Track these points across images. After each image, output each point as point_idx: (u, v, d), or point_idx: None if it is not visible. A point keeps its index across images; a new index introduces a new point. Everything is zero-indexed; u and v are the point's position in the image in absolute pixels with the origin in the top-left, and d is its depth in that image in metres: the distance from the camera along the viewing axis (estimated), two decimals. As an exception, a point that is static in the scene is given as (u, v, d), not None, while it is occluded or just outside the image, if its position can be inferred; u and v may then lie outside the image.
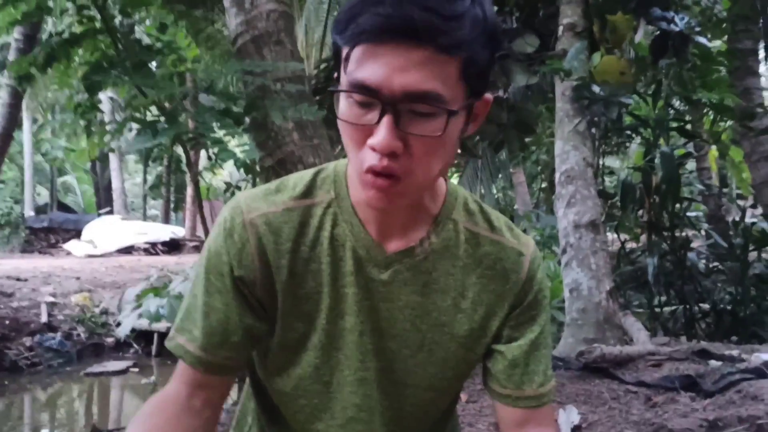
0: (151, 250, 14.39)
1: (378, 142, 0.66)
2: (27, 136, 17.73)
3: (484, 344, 0.85)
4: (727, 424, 2.27)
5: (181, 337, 0.82)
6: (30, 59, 3.21)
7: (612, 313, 3.54)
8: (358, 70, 0.66)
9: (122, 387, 7.03)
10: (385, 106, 0.65)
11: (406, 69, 0.64)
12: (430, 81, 0.64)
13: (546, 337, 0.87)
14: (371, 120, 0.67)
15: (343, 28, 0.67)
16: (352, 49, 0.66)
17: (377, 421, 0.86)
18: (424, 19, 0.62)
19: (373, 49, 0.64)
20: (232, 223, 0.80)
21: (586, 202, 3.71)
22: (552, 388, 0.86)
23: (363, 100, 0.67)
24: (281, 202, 0.81)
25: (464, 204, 0.86)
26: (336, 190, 0.82)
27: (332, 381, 0.84)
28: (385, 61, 0.64)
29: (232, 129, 2.99)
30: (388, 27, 0.63)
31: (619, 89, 3.73)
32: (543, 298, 0.87)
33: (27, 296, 7.98)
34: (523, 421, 0.85)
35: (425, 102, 0.65)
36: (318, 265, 0.80)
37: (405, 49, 0.63)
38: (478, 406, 2.72)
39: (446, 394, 0.89)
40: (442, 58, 0.64)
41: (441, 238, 0.82)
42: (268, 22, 3.52)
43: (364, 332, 0.81)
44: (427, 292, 0.82)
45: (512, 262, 0.84)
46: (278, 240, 0.80)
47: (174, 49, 3.45)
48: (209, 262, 0.81)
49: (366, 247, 0.80)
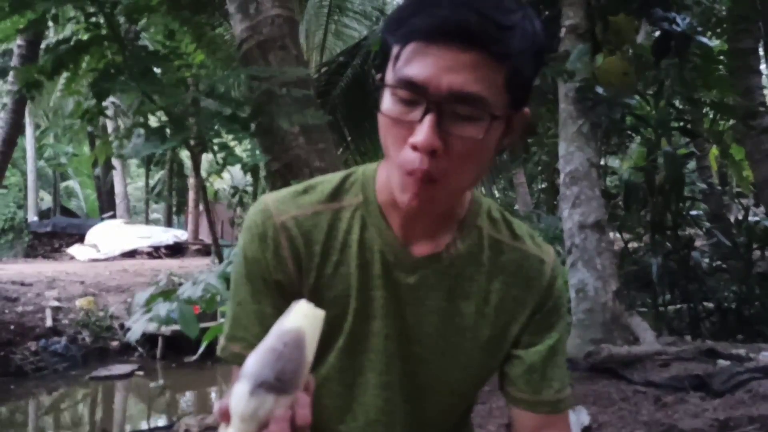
0: (154, 254, 14.40)
1: (420, 139, 0.66)
2: (30, 142, 17.75)
3: (504, 350, 0.86)
4: (738, 423, 2.28)
5: (235, 345, 0.82)
6: (37, 67, 3.23)
7: (618, 313, 3.55)
8: (408, 66, 0.66)
9: (127, 390, 7.05)
10: (429, 104, 0.66)
11: (455, 69, 0.65)
12: (477, 84, 0.65)
13: (563, 344, 0.88)
14: (414, 117, 0.67)
15: (397, 26, 0.68)
16: (403, 47, 0.67)
17: (398, 424, 0.86)
18: (479, 24, 0.64)
19: (425, 47, 0.65)
20: (263, 227, 0.80)
21: (591, 202, 3.72)
22: (569, 395, 0.87)
23: (408, 97, 0.67)
24: (309, 204, 0.82)
25: (488, 212, 0.87)
26: (364, 194, 0.83)
27: (356, 383, 0.85)
28: (436, 59, 0.65)
29: (239, 134, 3.00)
30: (443, 27, 0.64)
31: (622, 90, 3.74)
32: (561, 306, 0.88)
33: (32, 301, 7.99)
34: (540, 426, 0.86)
35: (470, 104, 0.66)
36: (347, 269, 0.81)
37: (456, 50, 0.64)
38: (487, 407, 2.73)
39: (466, 398, 0.91)
40: (492, 64, 0.65)
41: (466, 244, 0.83)
42: (273, 27, 3.53)
43: (390, 336, 0.82)
44: (452, 297, 0.83)
45: (534, 269, 0.86)
46: (309, 243, 0.80)
47: (179, 54, 3.46)
48: (249, 269, 0.81)
49: (394, 251, 0.81)
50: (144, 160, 20.54)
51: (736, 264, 4.99)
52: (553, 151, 5.29)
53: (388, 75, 0.70)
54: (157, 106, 3.01)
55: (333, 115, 6.74)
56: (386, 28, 0.70)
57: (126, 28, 3.33)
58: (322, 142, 3.49)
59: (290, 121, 3.21)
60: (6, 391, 6.55)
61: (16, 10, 3.07)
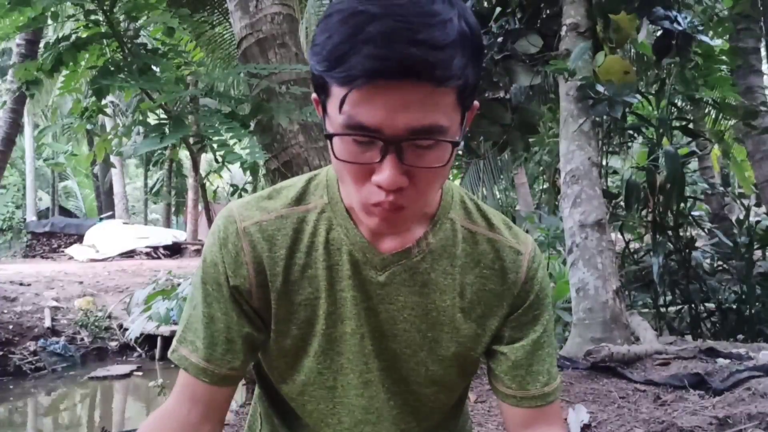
0: (153, 254, 14.39)
1: (384, 180, 0.65)
2: (28, 141, 17.75)
3: (483, 343, 0.85)
4: (737, 421, 2.27)
5: (183, 348, 0.81)
6: (37, 64, 3.22)
7: (619, 312, 3.54)
8: (357, 111, 0.63)
9: (126, 391, 7.04)
10: (388, 145, 0.64)
11: (407, 107, 0.62)
12: (432, 115, 0.64)
13: (549, 336, 0.87)
14: (373, 158, 0.66)
15: (332, 65, 0.63)
16: (347, 93, 0.63)
17: (385, 421, 0.86)
18: (419, 57, 0.60)
19: (371, 90, 0.62)
20: (226, 233, 0.80)
21: (592, 201, 3.72)
22: (557, 387, 0.86)
23: (360, 144, 0.66)
24: (274, 209, 0.82)
25: (461, 202, 0.86)
26: (329, 195, 0.82)
27: (337, 385, 0.84)
28: (384, 101, 0.62)
29: (239, 132, 2.99)
30: (385, 69, 0.60)
31: (623, 89, 3.73)
32: (545, 298, 0.87)
33: (30, 301, 7.99)
34: (530, 420, 0.85)
35: (429, 136, 0.65)
36: (314, 271, 0.80)
37: (403, 88, 0.62)
38: (487, 405, 2.72)
39: (451, 390, 0.90)
40: (440, 90, 0.63)
41: (438, 237, 0.82)
42: (273, 24, 3.52)
43: (365, 335, 0.82)
44: (426, 292, 0.82)
45: (510, 261, 0.84)
46: (273, 247, 0.80)
47: (179, 52, 3.45)
48: (206, 272, 0.81)
49: (362, 250, 0.80)
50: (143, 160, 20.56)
51: (737, 264, 4.98)
52: (555, 150, 5.29)
53: (332, 116, 0.67)
54: (156, 104, 3.00)
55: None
56: (316, 61, 0.66)
57: (125, 25, 3.32)
58: (321, 140, 3.48)
59: (290, 118, 3.20)
60: (5, 391, 6.55)
61: (16, 7, 3.07)
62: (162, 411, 0.82)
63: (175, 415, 0.81)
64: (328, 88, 0.66)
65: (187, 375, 0.81)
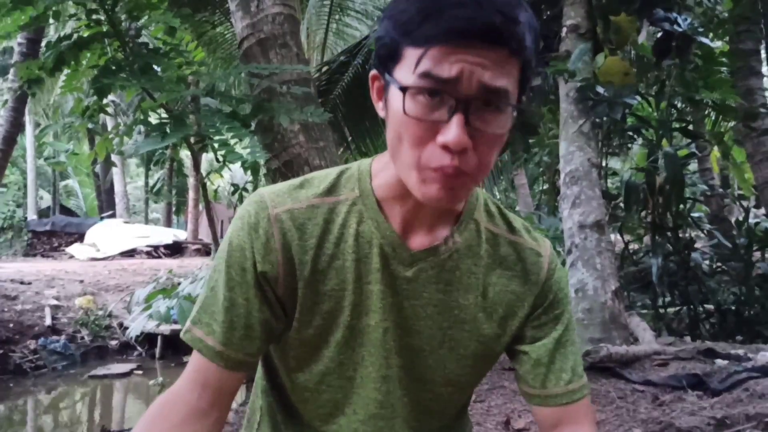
0: (154, 253, 14.40)
1: (452, 138, 0.67)
2: (30, 140, 17.78)
3: (503, 343, 0.86)
4: (735, 422, 2.28)
5: (198, 330, 0.80)
6: (38, 63, 3.23)
7: (617, 312, 3.55)
8: (437, 67, 0.67)
9: (126, 389, 7.04)
10: (458, 102, 0.67)
11: (484, 66, 0.66)
12: (504, 78, 0.68)
13: (571, 335, 0.87)
14: (441, 117, 0.68)
15: (414, 28, 0.67)
16: (427, 50, 0.67)
17: (398, 416, 0.86)
18: (503, 23, 0.66)
19: (452, 48, 0.66)
20: (257, 218, 0.80)
21: (591, 202, 3.73)
22: (583, 385, 0.86)
23: (431, 101, 0.68)
24: (305, 198, 0.82)
25: (485, 205, 0.88)
26: (361, 188, 0.83)
27: (356, 377, 0.85)
28: (464, 58, 0.66)
29: (240, 132, 3.00)
30: (471, 28, 0.65)
31: (623, 90, 3.74)
32: (564, 297, 0.88)
33: (31, 299, 7.99)
34: (557, 420, 0.85)
35: (496, 98, 0.68)
36: (342, 262, 0.81)
37: (483, 48, 0.66)
38: (486, 405, 2.73)
39: (464, 390, 0.91)
40: (511, 59, 0.68)
41: (464, 237, 0.84)
42: (274, 25, 3.54)
43: (388, 329, 0.82)
44: (450, 290, 0.83)
45: (531, 262, 0.86)
46: (303, 236, 0.80)
47: (180, 52, 3.47)
48: (231, 256, 0.80)
49: (392, 244, 0.81)
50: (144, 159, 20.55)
51: (736, 265, 4.99)
52: (555, 151, 5.29)
53: (402, 78, 0.69)
54: (157, 103, 3.01)
55: (334, 114, 6.73)
56: (396, 32, 0.70)
57: (127, 25, 3.33)
58: (322, 140, 3.50)
59: (291, 118, 3.21)
60: (5, 390, 6.55)
61: (18, 6, 3.08)
62: (170, 394, 0.81)
63: (184, 399, 0.80)
64: (401, 52, 0.69)
65: (200, 358, 0.80)
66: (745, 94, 5.58)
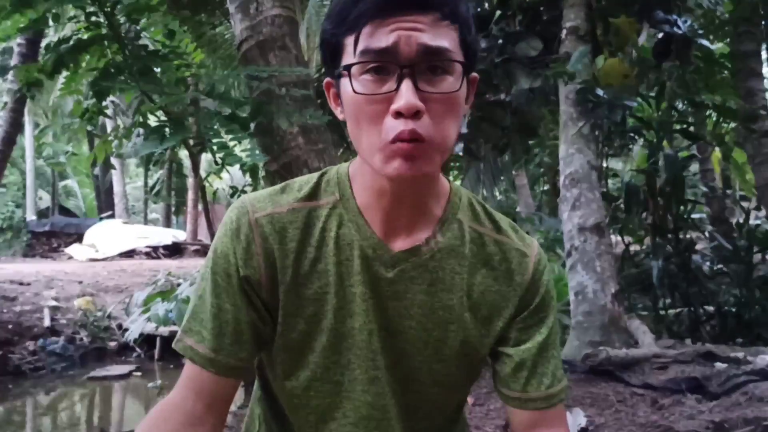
0: (153, 254, 14.38)
1: (402, 103, 0.68)
2: (29, 141, 17.76)
3: (487, 344, 0.86)
4: (733, 425, 2.28)
5: (189, 338, 0.81)
6: (38, 66, 3.23)
7: (617, 315, 3.55)
8: (370, 41, 0.69)
9: (125, 391, 7.03)
10: (403, 70, 0.69)
11: (419, 29, 0.69)
12: (443, 38, 0.70)
13: (554, 339, 0.87)
14: (390, 88, 0.70)
15: (343, 17, 0.71)
16: (362, 28, 0.70)
17: (390, 418, 0.86)
18: None
19: (383, 21, 0.69)
20: (238, 223, 0.81)
21: (591, 205, 3.72)
22: (562, 389, 0.87)
23: (377, 77, 0.70)
24: (286, 202, 0.83)
25: (469, 204, 0.87)
26: (340, 192, 0.83)
27: (343, 381, 0.84)
28: (399, 26, 0.69)
29: (239, 134, 3.00)
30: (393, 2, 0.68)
31: (622, 92, 3.74)
32: (550, 300, 0.87)
33: (30, 300, 7.98)
34: (534, 423, 0.85)
35: (440, 57, 0.70)
36: (324, 266, 0.81)
37: (414, 15, 0.69)
38: (484, 409, 2.73)
39: (454, 390, 0.90)
40: (445, 23, 0.71)
41: (446, 237, 0.83)
42: (273, 27, 3.53)
43: (373, 331, 0.82)
44: (434, 290, 0.82)
45: (517, 263, 0.85)
46: (283, 240, 0.81)
47: (179, 54, 3.46)
48: (216, 263, 0.81)
49: (372, 246, 0.81)
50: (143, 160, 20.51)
51: (736, 267, 4.98)
52: (555, 152, 5.29)
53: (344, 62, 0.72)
54: (156, 106, 3.00)
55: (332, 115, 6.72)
56: (330, 25, 0.73)
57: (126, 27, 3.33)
58: (321, 143, 3.49)
59: (289, 120, 3.20)
60: (4, 391, 6.54)
61: (18, 9, 3.08)
62: (165, 403, 0.81)
63: (179, 407, 0.80)
64: (342, 44, 0.72)
65: (192, 366, 0.81)
66: (746, 95, 5.59)
